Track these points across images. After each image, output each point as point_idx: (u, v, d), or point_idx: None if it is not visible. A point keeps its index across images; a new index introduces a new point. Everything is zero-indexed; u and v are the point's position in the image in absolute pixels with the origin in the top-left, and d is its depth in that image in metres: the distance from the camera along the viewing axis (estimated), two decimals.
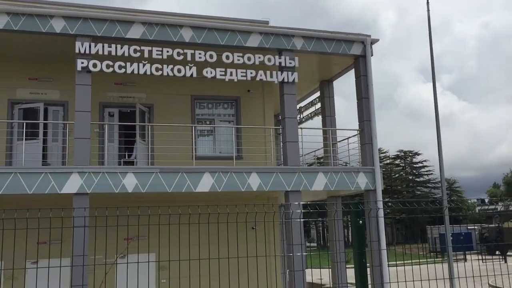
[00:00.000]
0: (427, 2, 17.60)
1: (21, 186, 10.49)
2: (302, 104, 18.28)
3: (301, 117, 18.05)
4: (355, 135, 13.97)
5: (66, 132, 12.56)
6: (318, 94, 16.97)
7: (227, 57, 12.37)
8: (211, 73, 12.23)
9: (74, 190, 10.80)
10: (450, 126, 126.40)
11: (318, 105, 16.92)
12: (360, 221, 6.97)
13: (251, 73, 12.56)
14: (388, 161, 64.54)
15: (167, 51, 11.89)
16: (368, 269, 7.98)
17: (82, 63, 11.28)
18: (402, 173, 65.54)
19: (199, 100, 14.74)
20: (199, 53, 12.14)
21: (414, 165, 65.53)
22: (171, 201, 11.77)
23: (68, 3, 12.90)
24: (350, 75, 15.71)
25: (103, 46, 11.48)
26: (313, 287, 21.62)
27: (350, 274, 15.35)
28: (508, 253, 35.64)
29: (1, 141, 12.32)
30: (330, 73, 15.84)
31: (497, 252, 37.31)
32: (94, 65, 11.36)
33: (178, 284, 11.05)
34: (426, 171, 64.96)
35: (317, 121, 17.34)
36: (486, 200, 71.06)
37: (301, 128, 13.25)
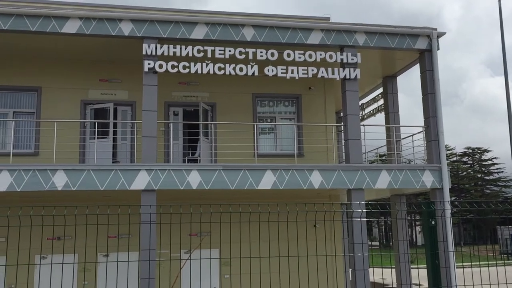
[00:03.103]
0: None
1: (93, 183, 11.04)
2: (364, 100, 17.96)
3: (363, 113, 17.74)
4: (420, 132, 13.56)
5: (134, 131, 13.09)
6: (381, 90, 16.61)
7: (289, 55, 12.39)
8: (272, 71, 12.31)
9: (142, 187, 11.23)
10: None
11: (381, 102, 16.56)
12: (433, 222, 6.73)
13: (312, 70, 12.50)
14: (454, 158, 61.94)
15: (229, 51, 12.08)
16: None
17: (149, 64, 11.70)
18: (470, 171, 62.65)
19: (260, 98, 14.86)
20: (261, 52, 12.24)
21: (483, 163, 62.44)
22: (233, 198, 12.01)
23: (134, 6, 13.43)
24: (411, 71, 15.28)
25: (168, 47, 11.85)
26: (376, 287, 21.22)
27: (415, 274, 14.96)
28: None
29: (75, 140, 13.02)
30: (393, 69, 15.45)
31: None
32: (160, 66, 11.75)
33: (240, 280, 11.23)
34: (496, 168, 61.71)
35: (379, 117, 17.00)
36: None
37: (363, 125, 13.02)
